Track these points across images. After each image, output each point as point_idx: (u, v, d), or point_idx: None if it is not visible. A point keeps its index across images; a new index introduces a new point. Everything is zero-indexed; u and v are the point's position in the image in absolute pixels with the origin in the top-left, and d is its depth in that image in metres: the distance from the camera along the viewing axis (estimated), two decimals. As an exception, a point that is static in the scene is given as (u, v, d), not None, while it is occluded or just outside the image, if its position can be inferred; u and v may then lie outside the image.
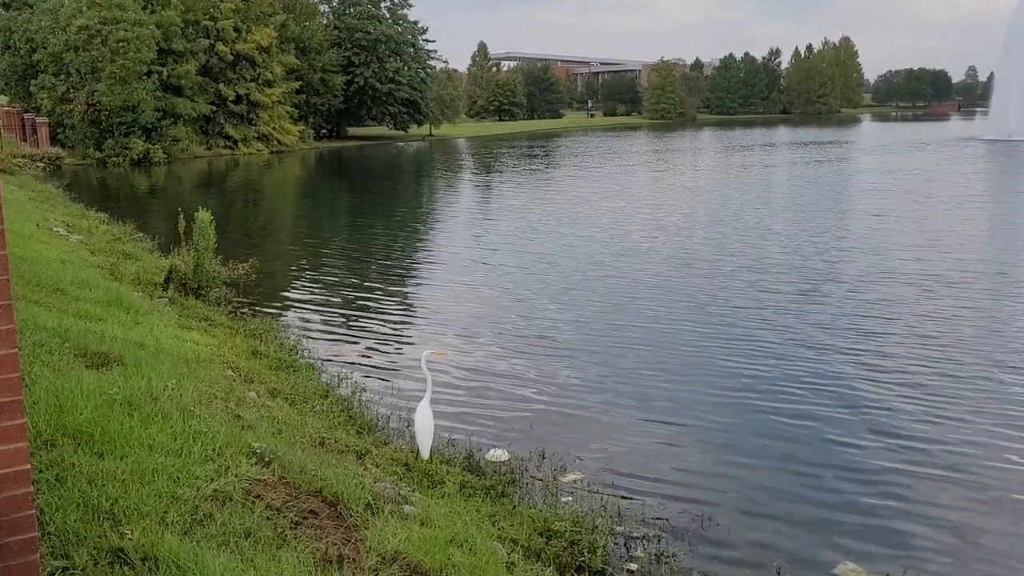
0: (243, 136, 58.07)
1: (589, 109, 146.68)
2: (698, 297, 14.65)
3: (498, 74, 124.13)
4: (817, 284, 15.51)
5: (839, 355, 11.15)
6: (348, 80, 71.21)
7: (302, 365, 10.06)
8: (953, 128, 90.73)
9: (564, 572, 5.53)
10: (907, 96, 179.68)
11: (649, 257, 18.57)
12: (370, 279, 17.39)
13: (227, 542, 3.87)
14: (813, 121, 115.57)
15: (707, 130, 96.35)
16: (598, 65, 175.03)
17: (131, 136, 46.99)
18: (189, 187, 39.08)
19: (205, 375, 7.14)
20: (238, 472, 4.68)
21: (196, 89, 53.17)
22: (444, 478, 6.74)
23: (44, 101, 47.47)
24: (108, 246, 16.10)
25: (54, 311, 8.09)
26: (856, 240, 20.41)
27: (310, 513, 4.60)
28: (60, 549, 3.38)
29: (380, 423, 8.47)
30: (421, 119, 79.50)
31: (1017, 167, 43.65)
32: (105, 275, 12.28)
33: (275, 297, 15.20)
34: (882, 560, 6.15)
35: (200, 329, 10.41)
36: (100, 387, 5.34)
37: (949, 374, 10.30)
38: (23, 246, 12.37)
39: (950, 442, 8.29)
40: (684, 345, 11.82)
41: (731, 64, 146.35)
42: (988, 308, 13.71)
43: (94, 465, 4.23)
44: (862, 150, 57.31)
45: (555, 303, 14.53)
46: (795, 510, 6.99)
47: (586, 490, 7.17)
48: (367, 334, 12.77)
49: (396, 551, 4.35)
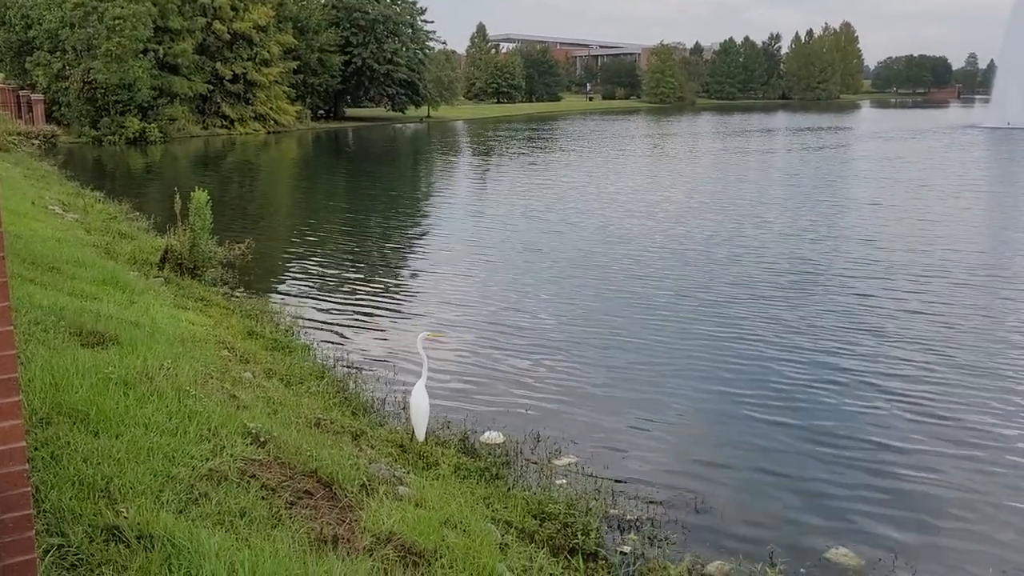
0: (240, 116, 57.79)
1: (588, 92, 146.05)
2: (694, 283, 14.66)
3: (497, 56, 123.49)
4: (811, 272, 15.54)
5: (833, 342, 11.18)
6: (346, 60, 70.81)
7: (298, 346, 10.06)
8: (952, 116, 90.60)
9: (558, 554, 5.56)
10: (907, 83, 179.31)
11: (644, 244, 18.56)
12: (366, 261, 17.38)
13: (222, 521, 3.88)
14: (812, 107, 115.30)
15: (706, 115, 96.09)
16: (597, 48, 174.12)
17: (127, 115, 46.73)
18: (185, 167, 38.93)
19: (201, 355, 7.14)
20: (233, 452, 4.70)
21: (193, 68, 52.84)
22: (439, 460, 6.77)
23: (39, 78, 47.17)
24: (104, 225, 16.06)
25: (50, 289, 8.08)
26: (851, 228, 20.42)
27: (305, 493, 4.62)
28: (55, 526, 3.39)
29: (375, 405, 8.49)
30: (419, 101, 79.12)
31: (1016, 155, 43.60)
32: (101, 254, 12.25)
33: (271, 278, 15.19)
34: (873, 544, 6.19)
35: (196, 309, 10.41)
36: (96, 366, 5.35)
37: (942, 361, 10.33)
38: (18, 224, 12.33)
39: (942, 428, 8.33)
40: (680, 330, 11.84)
41: (731, 48, 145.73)
42: (984, 293, 13.73)
43: (89, 443, 4.23)
44: (861, 137, 57.22)
45: (552, 287, 14.54)
46: (788, 495, 7.03)
47: (580, 473, 7.20)
48: (363, 316, 12.77)
49: (391, 532, 4.37)
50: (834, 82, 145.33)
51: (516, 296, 13.95)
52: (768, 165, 38.16)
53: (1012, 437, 8.12)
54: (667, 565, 5.59)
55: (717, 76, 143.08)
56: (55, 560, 3.16)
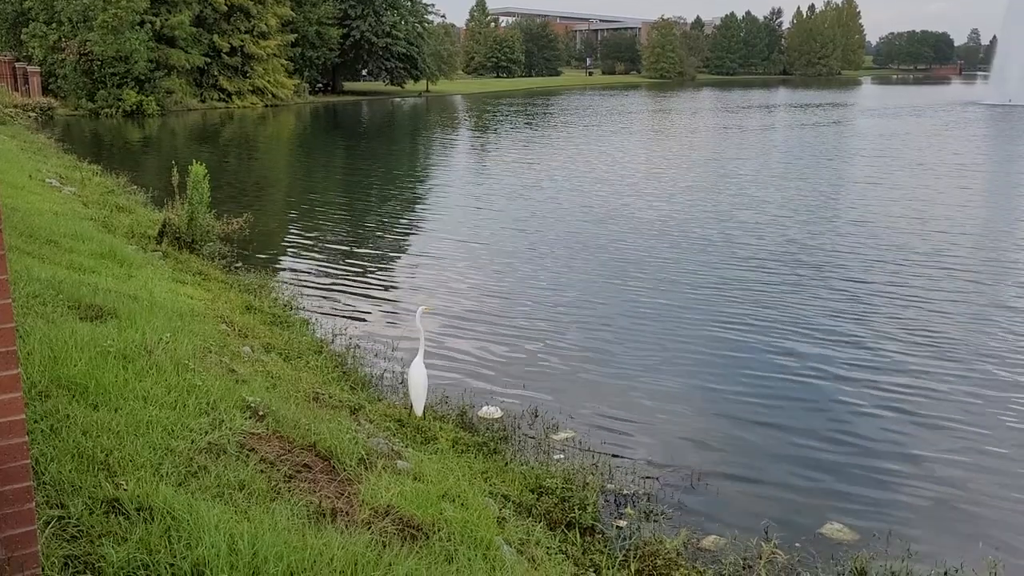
0: (237, 89, 57.43)
1: (588, 67, 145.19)
2: (692, 260, 14.66)
3: (496, 30, 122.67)
4: (808, 252, 15.52)
5: (831, 321, 11.20)
6: (344, 33, 70.29)
7: (296, 321, 10.07)
8: (954, 92, 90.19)
9: (555, 528, 5.60)
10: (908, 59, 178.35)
11: (642, 221, 18.54)
12: (365, 236, 17.35)
13: (221, 494, 3.90)
14: (813, 83, 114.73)
15: (706, 90, 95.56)
16: (597, 22, 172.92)
17: (124, 87, 46.41)
18: (183, 140, 38.74)
19: (199, 329, 7.14)
20: (232, 426, 4.71)
21: (190, 40, 52.39)
22: (437, 434, 6.80)
23: (36, 50, 46.77)
24: (101, 198, 16.00)
25: (47, 263, 8.07)
26: (850, 208, 20.41)
27: (304, 467, 4.64)
28: (55, 498, 3.41)
29: (374, 379, 8.51)
30: (418, 75, 78.64)
31: (1016, 131, 43.43)
32: (98, 227, 12.22)
33: (269, 252, 15.17)
34: (867, 519, 6.24)
35: (194, 283, 10.40)
36: (94, 339, 5.35)
37: (937, 339, 10.36)
38: (15, 197, 12.29)
39: (937, 405, 8.37)
40: (678, 308, 11.85)
41: (732, 23, 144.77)
42: (981, 273, 13.74)
43: (88, 416, 4.24)
44: (862, 113, 56.97)
45: (550, 263, 14.53)
46: (783, 471, 7.07)
47: (577, 448, 7.24)
48: (361, 290, 12.77)
49: (389, 505, 4.40)
50: (835, 58, 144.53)
51: (515, 271, 13.94)
52: (768, 142, 37.99)
53: (1005, 415, 8.16)
54: (663, 539, 5.63)
55: (718, 51, 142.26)
56: (55, 532, 3.18)
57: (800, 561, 5.65)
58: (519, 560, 4.57)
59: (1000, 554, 5.73)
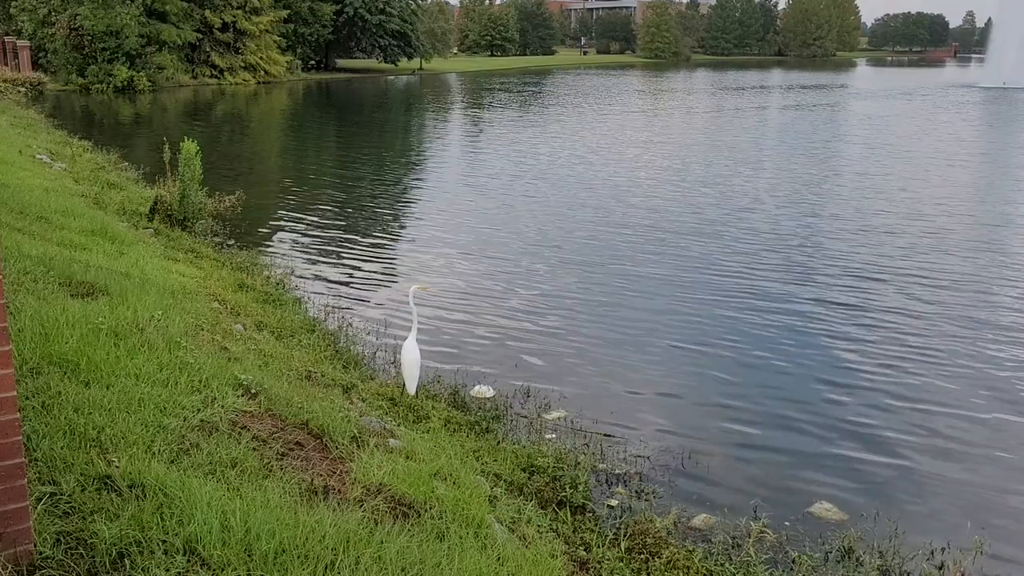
0: (229, 65, 56.94)
1: (582, 46, 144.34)
2: (685, 241, 14.67)
3: (490, 8, 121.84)
4: (803, 235, 15.56)
5: (823, 302, 11.25)
6: (337, 10, 69.62)
7: (288, 299, 10.06)
8: (948, 75, 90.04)
9: (546, 507, 5.63)
10: (903, 41, 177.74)
11: (636, 202, 18.53)
12: (357, 214, 17.30)
13: (213, 471, 3.91)
14: (808, 64, 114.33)
15: (701, 71, 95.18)
16: (593, 1, 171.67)
17: (115, 62, 45.98)
18: (174, 116, 38.44)
19: (191, 307, 7.13)
20: (224, 403, 4.71)
21: (181, 15, 51.85)
22: (429, 413, 6.82)
23: (25, 24, 46.29)
24: (92, 175, 15.91)
25: (38, 239, 8.02)
26: (846, 191, 20.43)
27: (296, 445, 4.65)
28: (47, 475, 3.41)
29: (366, 358, 8.52)
30: (411, 52, 78.06)
31: (1012, 114, 43.44)
32: (89, 204, 12.15)
33: (262, 230, 15.11)
34: (856, 499, 6.30)
35: (186, 261, 10.37)
36: (86, 316, 5.33)
37: (927, 322, 10.41)
38: (6, 172, 12.21)
39: (927, 387, 8.43)
40: (670, 288, 11.87)
41: (727, 3, 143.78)
42: (974, 257, 13.79)
43: (80, 393, 4.24)
44: (856, 95, 56.85)
45: (542, 243, 14.52)
46: (773, 451, 7.12)
47: (569, 428, 7.27)
48: (354, 269, 12.75)
49: (381, 483, 4.42)
50: (830, 39, 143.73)
51: (508, 251, 13.93)
52: (764, 123, 37.93)
53: (993, 395, 8.22)
54: (653, 518, 5.68)
55: (713, 31, 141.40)
56: (47, 508, 3.18)
57: (789, 540, 5.70)
58: (510, 538, 4.59)
59: (986, 534, 5.80)
